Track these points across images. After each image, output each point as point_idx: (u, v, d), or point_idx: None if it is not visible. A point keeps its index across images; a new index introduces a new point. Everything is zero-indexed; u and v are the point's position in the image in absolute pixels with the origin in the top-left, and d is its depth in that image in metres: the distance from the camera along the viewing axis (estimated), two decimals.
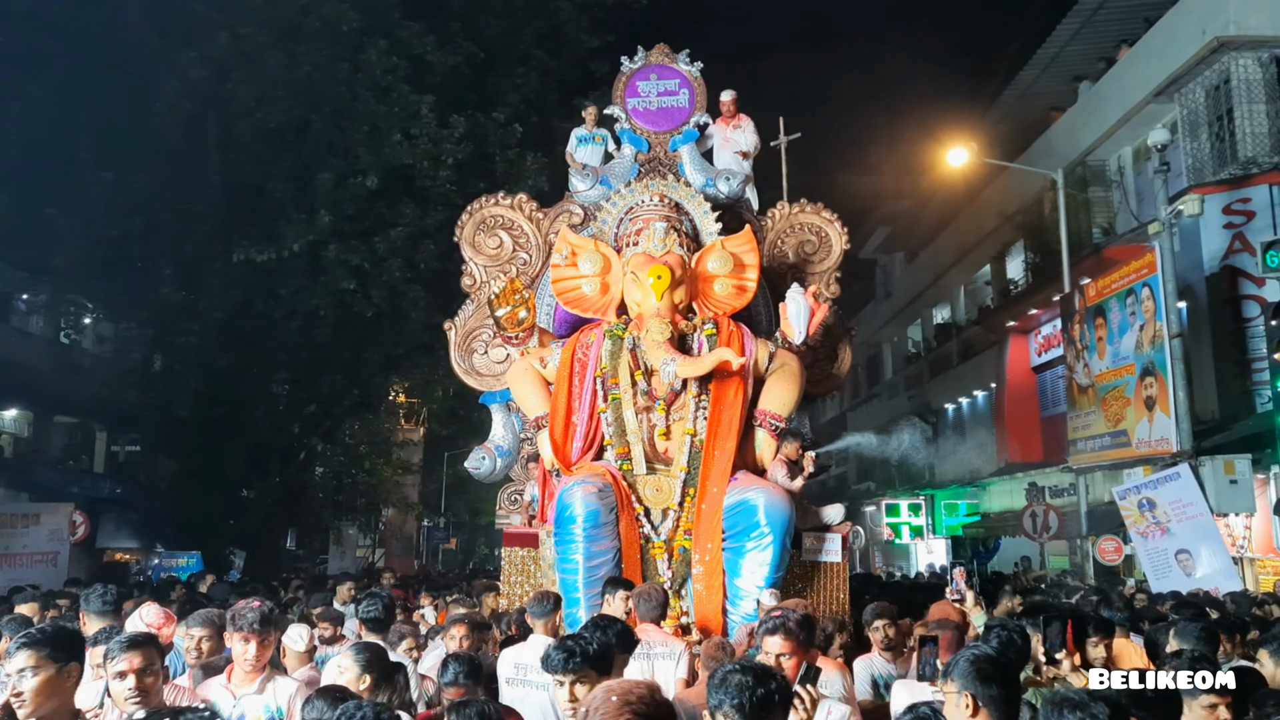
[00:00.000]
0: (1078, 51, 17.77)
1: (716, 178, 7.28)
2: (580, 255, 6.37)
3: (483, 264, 7.35)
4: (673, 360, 5.63)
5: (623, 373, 5.89)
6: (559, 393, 6.04)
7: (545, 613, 4.34)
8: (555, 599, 4.49)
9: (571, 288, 6.39)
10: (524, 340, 6.26)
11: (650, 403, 5.82)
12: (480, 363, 7.26)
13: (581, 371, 6.01)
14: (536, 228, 7.41)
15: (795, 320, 6.10)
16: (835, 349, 7.16)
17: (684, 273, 6.07)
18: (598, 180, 7.30)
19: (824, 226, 7.34)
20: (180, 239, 14.32)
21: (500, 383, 7.05)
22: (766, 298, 7.01)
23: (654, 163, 7.53)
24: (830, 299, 7.14)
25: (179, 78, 13.49)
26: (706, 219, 6.53)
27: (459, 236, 7.37)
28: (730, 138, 7.41)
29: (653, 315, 5.85)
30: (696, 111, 7.57)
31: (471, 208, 7.42)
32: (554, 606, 4.43)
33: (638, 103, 7.58)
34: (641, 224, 6.29)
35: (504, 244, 7.37)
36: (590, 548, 5.37)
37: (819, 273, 7.28)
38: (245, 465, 15.69)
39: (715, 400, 5.79)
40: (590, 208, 7.27)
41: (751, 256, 6.40)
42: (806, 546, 6.02)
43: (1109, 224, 16.05)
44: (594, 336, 6.10)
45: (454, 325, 7.29)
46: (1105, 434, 13.34)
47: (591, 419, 5.95)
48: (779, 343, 6.23)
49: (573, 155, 7.54)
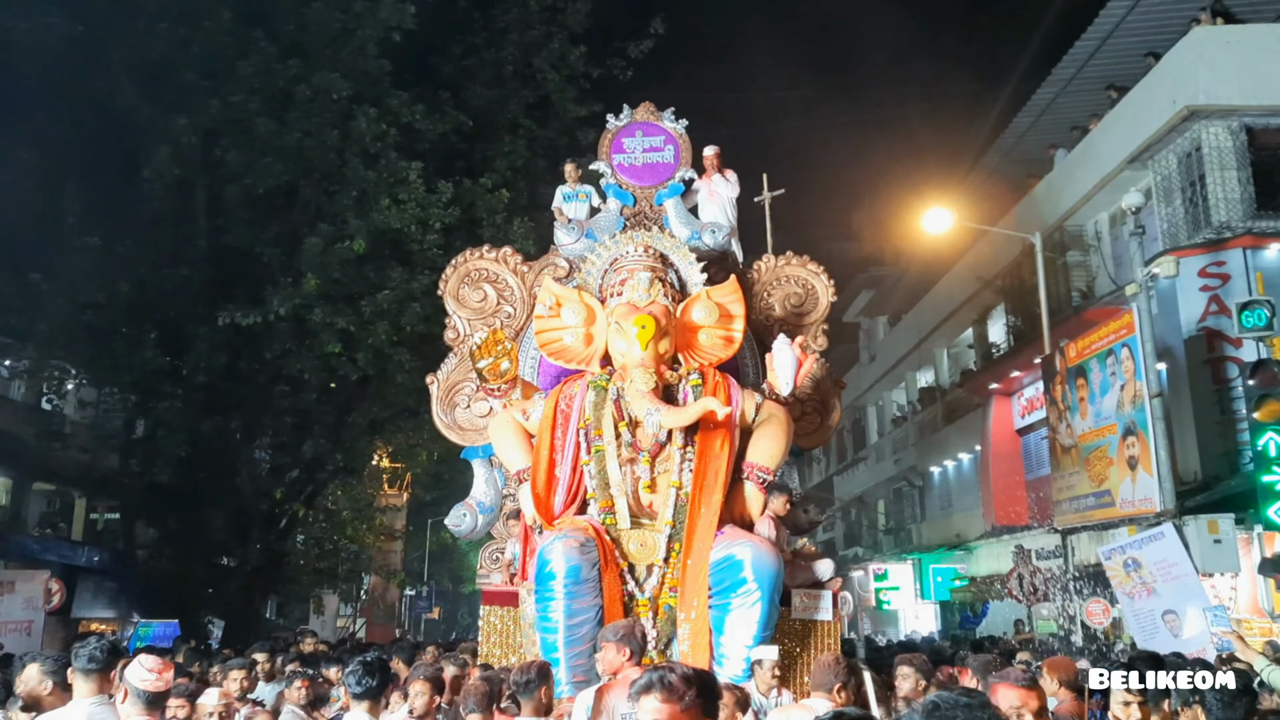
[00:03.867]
0: (1053, 121, 18.08)
1: (702, 230, 7.28)
2: (564, 306, 6.30)
3: (467, 317, 7.28)
4: (657, 411, 5.53)
5: (606, 424, 5.80)
6: (541, 445, 5.93)
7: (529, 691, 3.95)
8: (539, 672, 4.07)
9: (555, 338, 6.31)
10: (506, 392, 6.18)
11: (634, 455, 5.73)
12: (463, 417, 7.18)
13: (564, 423, 5.92)
14: (521, 281, 7.37)
15: (782, 371, 6.02)
16: (825, 401, 7.07)
17: (669, 323, 6.01)
18: (583, 234, 7.30)
19: (810, 279, 7.32)
20: (166, 303, 14.28)
21: (482, 437, 6.95)
22: (753, 349, 6.98)
23: (639, 216, 7.54)
24: (818, 351, 7.08)
25: (169, 144, 13.49)
26: (692, 270, 6.49)
27: (443, 290, 7.33)
28: (715, 191, 7.42)
29: (637, 365, 5.77)
30: (681, 167, 7.57)
31: (456, 261, 7.40)
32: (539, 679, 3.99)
33: (623, 159, 7.60)
34: (626, 274, 6.24)
35: (488, 297, 7.31)
36: (571, 605, 5.20)
37: (806, 325, 7.24)
38: (226, 532, 15.41)
39: (701, 452, 5.69)
40: (575, 260, 7.25)
41: (738, 307, 6.35)
42: (796, 604, 5.84)
43: (1088, 287, 16.19)
44: (577, 387, 6.02)
45: (436, 379, 7.24)
46: (1089, 494, 13.26)
47: (574, 472, 5.83)
48: (766, 394, 6.15)
49: (560, 210, 7.54)
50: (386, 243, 14.20)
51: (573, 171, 7.67)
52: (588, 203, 7.58)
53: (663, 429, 5.64)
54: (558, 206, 7.59)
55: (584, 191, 7.62)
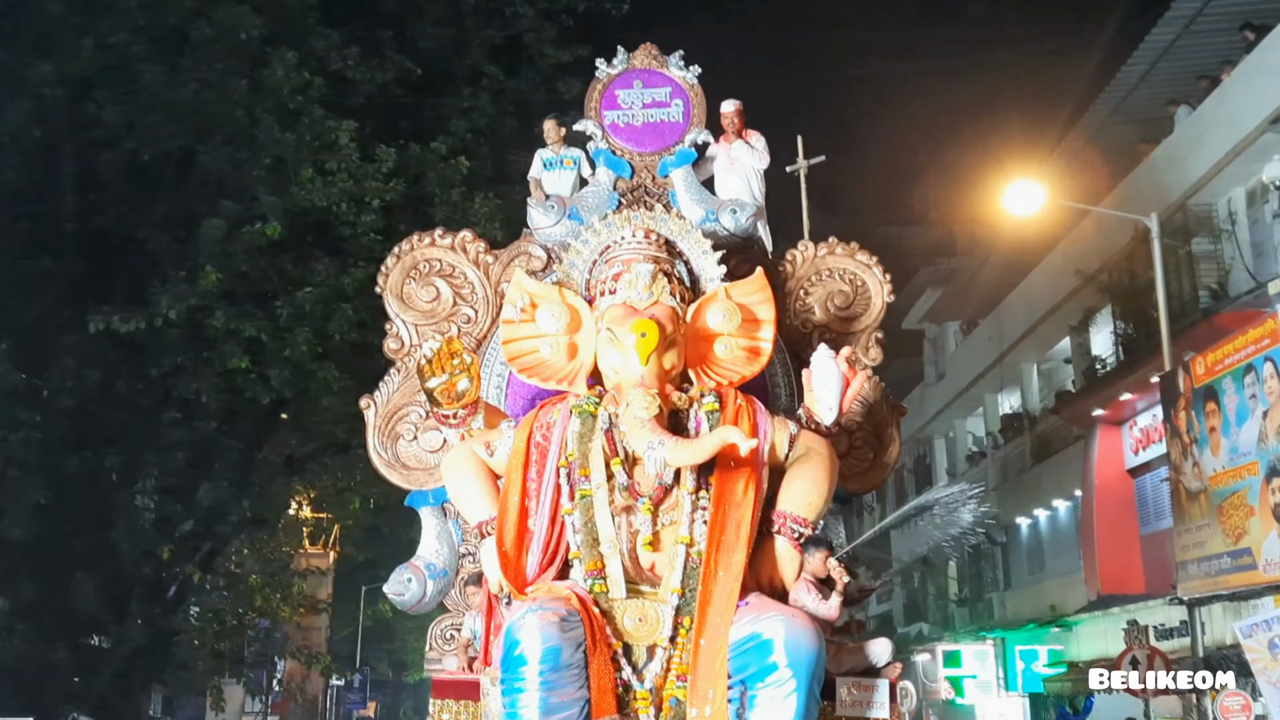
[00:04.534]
0: (1172, 69, 18.03)
1: (719, 209, 7.23)
2: (540, 307, 6.23)
3: (413, 322, 7.21)
4: (661, 444, 5.44)
5: (595, 462, 5.75)
6: (510, 489, 5.86)
7: None
8: None
9: (528, 350, 6.23)
10: (465, 420, 6.14)
11: (632, 501, 5.67)
12: (408, 451, 7.07)
13: (541, 460, 5.86)
14: (485, 275, 7.32)
15: (824, 393, 5.97)
16: (879, 432, 7.02)
17: (676, 329, 5.96)
18: (565, 213, 7.23)
19: (860, 273, 7.27)
20: (22, 305, 14.16)
21: (434, 478, 6.86)
22: (786, 364, 6.94)
23: (638, 191, 7.47)
24: (870, 366, 7.03)
25: (27, 97, 13.45)
26: (706, 260, 6.45)
27: (383, 286, 7.27)
28: (737, 159, 7.38)
29: (635, 385, 5.70)
30: (693, 127, 7.51)
31: (400, 250, 7.31)
32: None
33: (618, 116, 7.54)
34: (621, 267, 6.19)
35: (441, 296, 7.26)
36: (549, 699, 5.06)
37: (855, 333, 7.17)
38: (98, 602, 15.18)
39: (719, 498, 5.63)
40: (555, 248, 7.17)
41: (766, 309, 6.30)
42: (843, 698, 5.69)
43: (1219, 284, 16.16)
44: (557, 414, 5.95)
45: (373, 403, 7.18)
46: (1224, 554, 13.24)
47: (553, 524, 5.77)
48: (803, 423, 6.07)
49: (537, 181, 7.51)
50: (309, 225, 14.17)
51: (554, 131, 7.60)
52: (574, 172, 7.52)
53: (668, 468, 5.55)
54: (534, 178, 7.54)
55: (569, 158, 7.54)
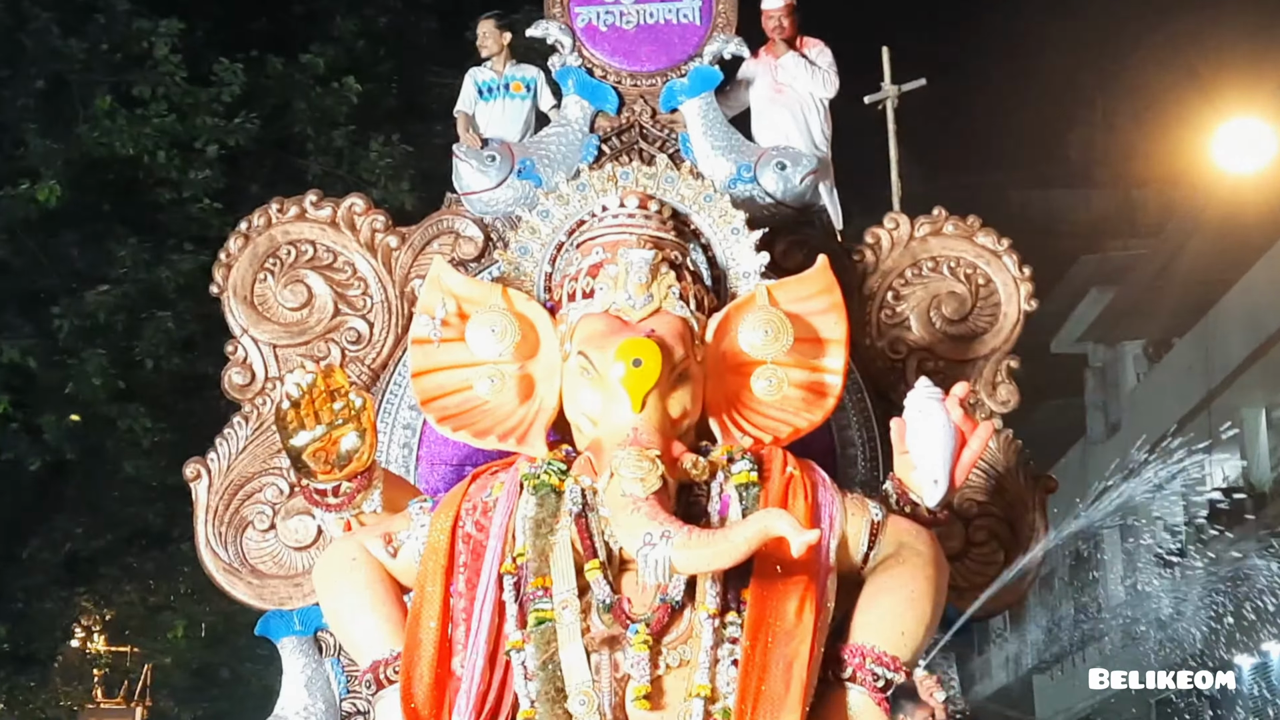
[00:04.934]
0: None
1: (758, 163, 6.98)
2: (474, 319, 6.04)
3: (271, 341, 6.99)
4: (665, 538, 5.28)
5: (560, 567, 5.61)
6: (425, 610, 5.73)
7: None
8: None
9: (454, 387, 6.10)
10: (352, 499, 5.97)
11: (619, 630, 5.52)
12: (260, 549, 6.88)
13: (474, 564, 5.74)
14: (385, 267, 7.10)
15: (926, 457, 5.85)
16: (1014, 519, 6.81)
17: (690, 354, 5.82)
18: (513, 169, 6.99)
19: (984, 264, 7.09)
20: None
21: (301, 592, 6.73)
22: (865, 409, 6.72)
23: (630, 134, 7.26)
24: (1000, 413, 6.86)
25: None
26: (738, 245, 6.28)
27: (223, 283, 7.05)
28: (786, 84, 7.25)
29: (625, 444, 5.56)
30: (717, 33, 7.29)
31: (250, 225, 7.11)
32: None
33: (598, 15, 7.37)
34: (602, 255, 6.03)
35: (315, 300, 7.03)
36: None
37: (975, 359, 6.99)
38: None
39: (757, 625, 5.48)
40: (498, 223, 6.99)
41: (833, 322, 6.11)
42: None
43: None
44: (499, 491, 5.81)
45: (205, 470, 6.95)
46: None
47: (493, 665, 5.63)
48: (892, 504, 5.93)
49: (468, 118, 7.25)
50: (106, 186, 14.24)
51: (495, 38, 7.43)
52: (526, 103, 7.36)
53: (677, 576, 5.47)
54: (462, 111, 7.31)
55: (518, 80, 7.40)
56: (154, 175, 13.56)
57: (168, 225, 13.59)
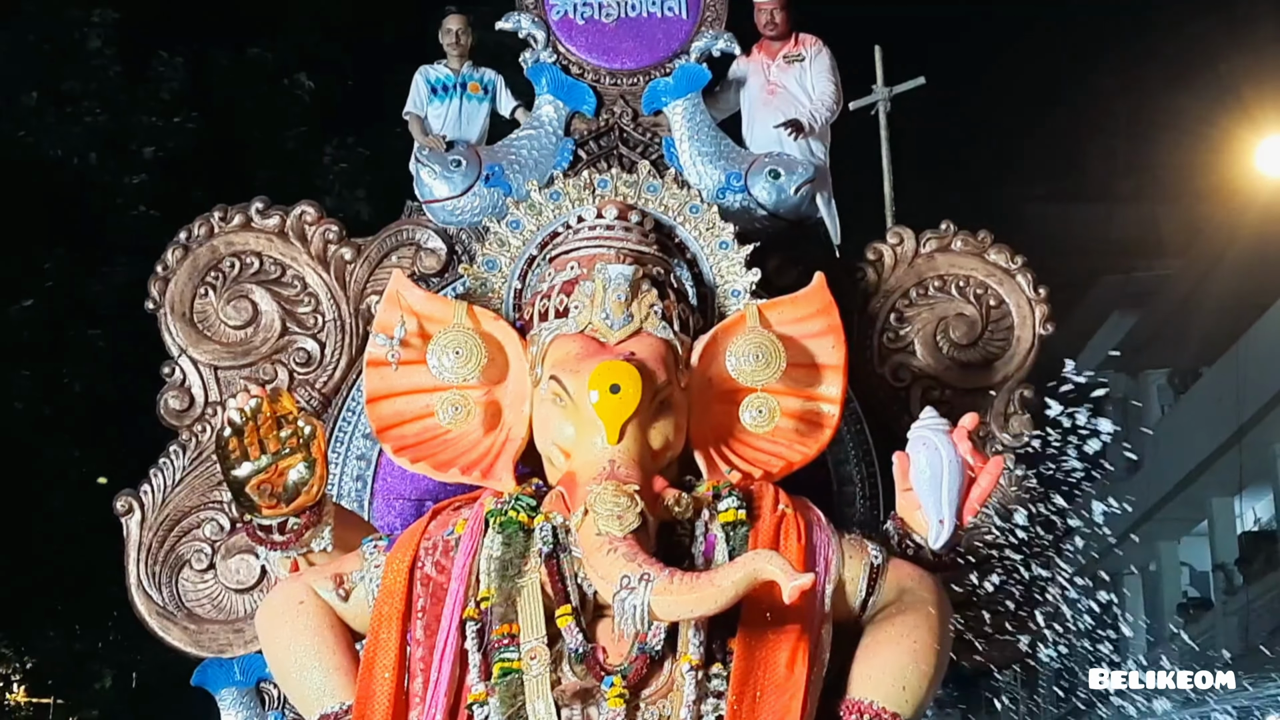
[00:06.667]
0: None
1: (750, 171, 6.89)
2: (435, 340, 5.88)
3: (211, 362, 6.88)
4: (645, 582, 5.08)
5: (528, 613, 5.43)
6: (378, 659, 5.55)
7: None
8: None
9: (414, 413, 5.95)
10: (299, 534, 5.72)
11: (594, 683, 5.35)
12: (198, 591, 6.70)
13: (433, 609, 5.56)
14: (338, 281, 6.99)
15: (931, 496, 5.64)
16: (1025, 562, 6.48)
17: (672, 381, 5.65)
18: (481, 175, 6.87)
19: (995, 284, 6.97)
20: None
21: (243, 638, 6.61)
22: (865, 442, 6.62)
23: (609, 137, 7.19)
24: (1013, 449, 6.74)
25: None
26: (726, 261, 6.18)
27: (158, 299, 6.92)
28: (779, 84, 7.19)
29: (602, 477, 5.37)
30: (706, 29, 7.20)
31: (189, 235, 6.99)
32: None
33: (573, 7, 7.31)
34: (577, 270, 5.88)
35: (261, 317, 6.90)
36: None
37: (985, 388, 6.91)
38: None
39: (743, 677, 5.30)
40: (463, 235, 6.90)
41: (830, 346, 5.95)
42: None
43: None
44: (462, 529, 5.63)
45: (137, 504, 6.80)
46: None
47: (454, 718, 5.47)
48: (895, 543, 5.78)
49: (419, 119, 7.16)
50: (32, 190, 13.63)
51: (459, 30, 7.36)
52: (486, 103, 7.32)
53: (656, 623, 5.27)
54: (413, 113, 7.28)
55: (475, 81, 7.33)
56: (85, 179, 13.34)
57: (99, 235, 13.33)
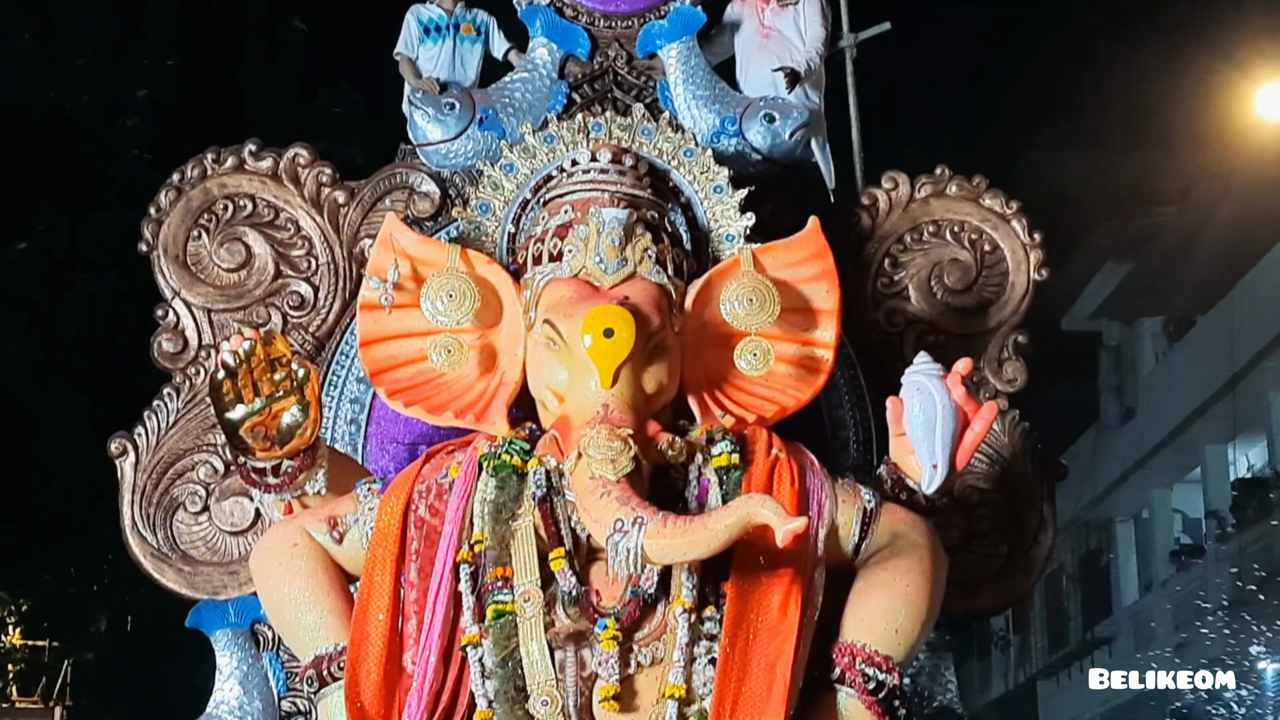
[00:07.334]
0: None
1: (745, 115, 6.88)
2: (429, 283, 5.87)
3: (205, 305, 6.85)
4: (637, 525, 5.07)
5: (522, 555, 5.44)
6: (373, 601, 5.55)
7: None
8: None
9: (408, 357, 5.94)
10: (293, 477, 5.75)
11: (586, 625, 5.34)
12: (192, 533, 6.70)
13: (427, 552, 5.55)
14: (332, 225, 6.94)
15: (924, 440, 5.64)
16: (1019, 509, 6.67)
17: (666, 325, 5.64)
18: (475, 118, 6.86)
19: (990, 229, 6.93)
20: None
21: (237, 580, 6.62)
22: (859, 388, 6.61)
23: (603, 80, 7.17)
24: (1006, 393, 6.75)
25: None
26: (721, 205, 6.17)
27: (152, 241, 6.87)
28: (774, 27, 7.12)
29: (594, 423, 5.38)
30: None
31: (182, 178, 6.95)
32: None
33: None
34: (571, 213, 5.85)
35: (254, 260, 6.87)
36: None
37: (979, 334, 6.87)
38: None
39: (737, 620, 5.30)
40: (456, 178, 6.85)
41: (824, 290, 5.95)
42: None
43: None
44: (456, 473, 5.62)
45: (131, 446, 6.79)
46: None
47: (446, 662, 5.45)
48: (887, 490, 5.74)
49: (410, 61, 7.13)
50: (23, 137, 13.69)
51: None
52: (480, 44, 7.26)
53: (649, 566, 5.24)
54: (403, 54, 7.24)
55: (468, 22, 7.27)
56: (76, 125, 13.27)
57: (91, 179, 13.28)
